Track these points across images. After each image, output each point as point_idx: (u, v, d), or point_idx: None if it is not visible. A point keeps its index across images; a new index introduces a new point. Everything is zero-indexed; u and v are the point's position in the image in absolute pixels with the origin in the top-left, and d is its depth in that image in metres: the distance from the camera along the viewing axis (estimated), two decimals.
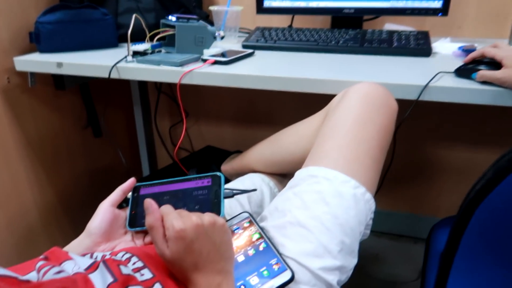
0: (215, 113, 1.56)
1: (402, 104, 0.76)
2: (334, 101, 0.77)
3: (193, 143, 1.63)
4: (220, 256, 0.50)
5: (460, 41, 1.06)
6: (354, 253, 0.62)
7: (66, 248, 0.56)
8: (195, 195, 0.61)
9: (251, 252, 0.60)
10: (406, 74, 0.82)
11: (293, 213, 0.62)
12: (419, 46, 0.97)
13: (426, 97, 0.76)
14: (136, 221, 0.62)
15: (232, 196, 0.63)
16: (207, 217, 0.51)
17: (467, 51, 0.92)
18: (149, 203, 0.52)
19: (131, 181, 0.65)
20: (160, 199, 0.62)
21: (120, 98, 1.52)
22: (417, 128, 1.34)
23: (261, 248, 0.60)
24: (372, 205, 0.65)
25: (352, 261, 0.61)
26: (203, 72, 0.88)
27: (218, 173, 0.62)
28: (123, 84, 1.50)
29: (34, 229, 1.21)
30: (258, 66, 0.91)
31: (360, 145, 0.66)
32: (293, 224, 0.61)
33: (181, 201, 0.61)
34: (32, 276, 0.43)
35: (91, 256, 0.53)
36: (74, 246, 0.57)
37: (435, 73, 0.78)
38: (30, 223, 1.20)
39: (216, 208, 0.59)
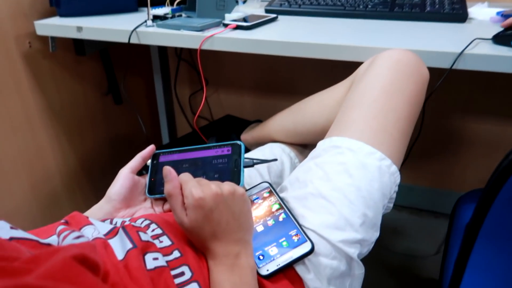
0: (235, 82, 1.53)
1: (433, 72, 0.71)
2: (361, 68, 0.74)
3: (213, 112, 1.62)
4: (239, 226, 0.50)
5: (498, 5, 0.99)
6: (376, 226, 0.60)
7: (87, 213, 0.57)
8: (215, 163, 0.60)
9: (270, 222, 0.59)
10: (440, 41, 0.77)
11: (315, 184, 0.60)
12: (454, 11, 0.91)
13: (460, 65, 0.71)
14: (155, 188, 0.61)
15: (252, 165, 0.62)
16: (227, 186, 0.50)
17: (506, 16, 0.86)
18: (168, 170, 0.51)
19: (150, 148, 0.64)
20: (179, 167, 0.61)
21: (140, 65, 1.51)
22: (446, 98, 1.28)
23: (280, 218, 0.59)
24: (397, 178, 0.62)
25: (374, 235, 0.60)
26: (224, 38, 0.85)
27: (238, 142, 0.61)
28: (143, 51, 1.48)
29: (57, 194, 1.24)
30: (281, 32, 0.88)
31: (387, 115, 0.63)
32: (314, 195, 0.59)
33: (200, 169, 0.60)
34: (53, 239, 0.43)
35: (111, 222, 0.53)
36: (94, 212, 0.57)
37: (471, 40, 0.73)
38: (53, 187, 1.22)
39: (235, 177, 0.58)
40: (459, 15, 0.90)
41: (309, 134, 0.83)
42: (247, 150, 1.05)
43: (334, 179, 0.59)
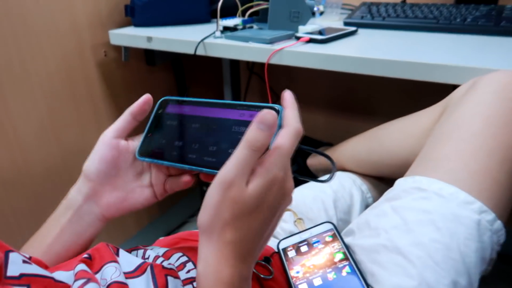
0: (307, 99, 1.44)
1: None
2: (457, 93, 0.61)
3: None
4: (263, 245, 0.37)
5: None
6: None
7: (66, 199, 0.46)
8: (235, 131, 0.40)
9: (331, 276, 0.48)
10: None
11: (390, 235, 0.48)
12: None
13: None
14: (150, 149, 0.44)
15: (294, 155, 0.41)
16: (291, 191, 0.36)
17: None
18: (290, 101, 0.38)
19: (144, 98, 0.45)
20: (187, 126, 0.44)
21: (211, 77, 1.48)
22: None
23: (344, 273, 0.48)
24: (501, 236, 0.48)
25: None
26: (294, 51, 0.76)
27: (277, 106, 0.38)
28: (215, 63, 1.46)
29: None
30: (360, 47, 0.77)
31: (492, 154, 0.49)
32: (388, 249, 0.48)
33: (211, 135, 0.41)
34: (70, 276, 0.37)
35: (144, 255, 0.46)
36: (73, 196, 0.45)
37: None
38: None
39: None
40: None
41: (386, 167, 0.71)
42: (311, 174, 0.94)
43: (416, 231, 0.47)
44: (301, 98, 1.43)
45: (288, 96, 0.38)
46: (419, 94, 1.02)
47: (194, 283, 0.42)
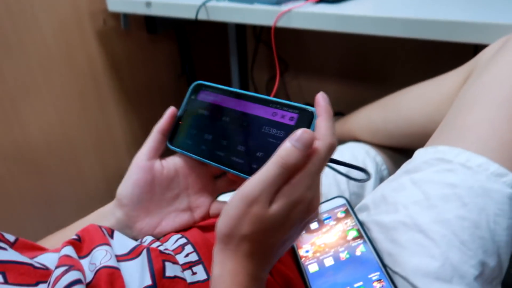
0: (318, 67, 1.37)
1: None
2: (486, 53, 0.54)
3: (292, 100, 1.48)
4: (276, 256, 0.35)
5: None
6: (498, 280, 0.42)
7: (93, 216, 0.44)
8: (265, 132, 0.38)
9: (343, 255, 0.44)
10: None
11: (410, 211, 0.44)
12: None
13: None
14: (181, 138, 0.42)
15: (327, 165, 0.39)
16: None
17: None
18: (323, 105, 0.35)
19: (170, 113, 0.43)
20: (217, 117, 0.42)
21: (217, 45, 1.42)
22: None
23: (358, 252, 0.44)
24: None
25: None
26: (304, 12, 0.70)
27: (310, 109, 0.36)
28: (220, 31, 1.39)
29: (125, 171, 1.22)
30: (375, 5, 0.70)
31: None
32: (408, 226, 0.43)
33: (241, 132, 0.39)
34: (53, 259, 0.34)
35: (141, 239, 0.43)
36: (105, 217, 0.43)
37: None
38: (121, 167, 1.20)
39: None
40: None
41: (403, 136, 0.66)
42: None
43: (439, 207, 0.42)
44: (311, 65, 1.36)
45: (322, 102, 0.35)
46: (437, 61, 0.95)
47: (194, 268, 0.38)
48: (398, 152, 0.72)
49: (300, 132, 0.31)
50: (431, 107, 0.60)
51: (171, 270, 0.36)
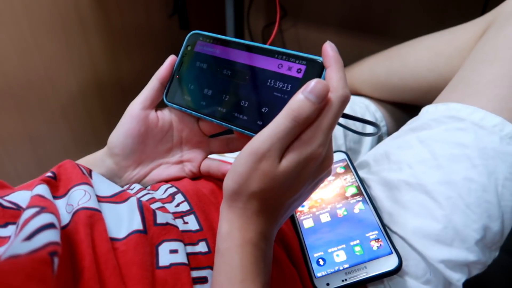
0: (318, 15, 1.30)
1: None
2: (508, 5, 0.50)
3: (288, 49, 1.42)
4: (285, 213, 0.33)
5: None
6: (497, 244, 0.41)
7: (82, 162, 0.41)
8: (270, 86, 0.35)
9: (341, 212, 0.42)
10: None
11: (414, 170, 0.41)
12: None
13: None
14: (179, 94, 0.40)
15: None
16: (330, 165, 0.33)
17: None
18: (332, 55, 0.32)
19: (170, 60, 0.40)
20: (217, 70, 0.38)
21: None
22: None
23: (356, 209, 0.42)
24: None
25: (492, 255, 0.41)
26: None
27: (320, 59, 0.33)
28: None
29: (108, 113, 1.17)
30: None
31: None
32: (411, 186, 0.41)
33: (244, 86, 0.36)
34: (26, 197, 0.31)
35: (129, 187, 0.40)
36: (93, 165, 0.40)
37: None
38: (108, 114, 1.15)
39: None
40: None
41: (409, 91, 0.62)
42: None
43: (446, 168, 0.40)
44: (311, 13, 1.28)
45: (331, 51, 0.32)
46: (445, 11, 0.90)
47: (185, 218, 0.36)
48: (400, 108, 0.69)
49: (314, 83, 0.28)
50: (442, 60, 0.56)
51: (162, 217, 0.33)
